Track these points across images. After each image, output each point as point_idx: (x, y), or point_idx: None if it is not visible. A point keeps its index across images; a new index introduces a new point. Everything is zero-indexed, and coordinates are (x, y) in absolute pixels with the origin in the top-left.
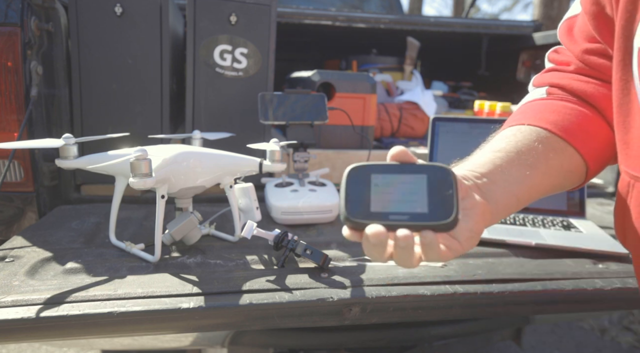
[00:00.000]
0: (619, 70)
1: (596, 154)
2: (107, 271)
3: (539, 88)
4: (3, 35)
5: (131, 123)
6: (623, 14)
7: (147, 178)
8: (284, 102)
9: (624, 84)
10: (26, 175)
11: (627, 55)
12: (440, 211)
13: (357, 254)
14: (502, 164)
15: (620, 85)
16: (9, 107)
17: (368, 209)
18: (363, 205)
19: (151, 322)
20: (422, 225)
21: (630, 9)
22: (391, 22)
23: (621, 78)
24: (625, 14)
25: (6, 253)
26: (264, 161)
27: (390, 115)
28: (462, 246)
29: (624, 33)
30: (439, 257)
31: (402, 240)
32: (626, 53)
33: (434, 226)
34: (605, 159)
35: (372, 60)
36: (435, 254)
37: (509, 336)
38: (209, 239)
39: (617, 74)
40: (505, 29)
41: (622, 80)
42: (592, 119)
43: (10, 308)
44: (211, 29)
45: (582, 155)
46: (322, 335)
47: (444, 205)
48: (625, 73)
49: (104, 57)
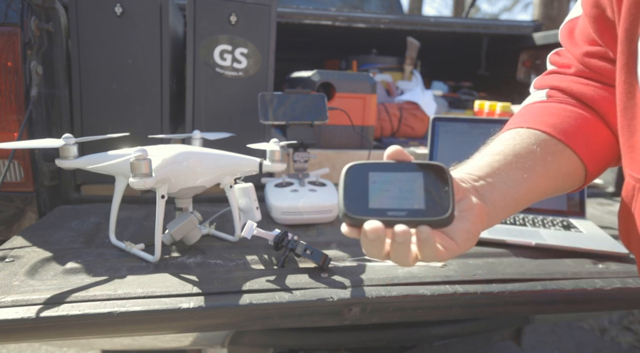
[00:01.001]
0: (622, 73)
1: (596, 157)
2: (107, 271)
3: (539, 90)
4: (3, 35)
5: (131, 123)
6: (627, 17)
7: (147, 179)
8: (284, 102)
9: (628, 87)
10: (26, 175)
11: (631, 59)
12: (437, 207)
13: (357, 254)
14: (500, 167)
15: (624, 89)
16: (9, 107)
17: (366, 206)
18: (361, 202)
19: (151, 322)
20: (419, 220)
21: (634, 12)
22: (391, 22)
23: (625, 81)
24: (629, 17)
25: (6, 253)
26: (264, 161)
27: (390, 115)
28: (458, 247)
29: (628, 36)
30: (435, 255)
31: (399, 236)
32: (630, 56)
33: (431, 222)
34: (605, 162)
35: (372, 60)
36: (431, 251)
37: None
38: (209, 239)
39: (620, 77)
40: (505, 29)
41: (626, 83)
42: (592, 122)
43: (10, 308)
44: (211, 29)
45: (581, 158)
46: (322, 335)
47: (440, 202)
48: (629, 76)
49: (104, 57)
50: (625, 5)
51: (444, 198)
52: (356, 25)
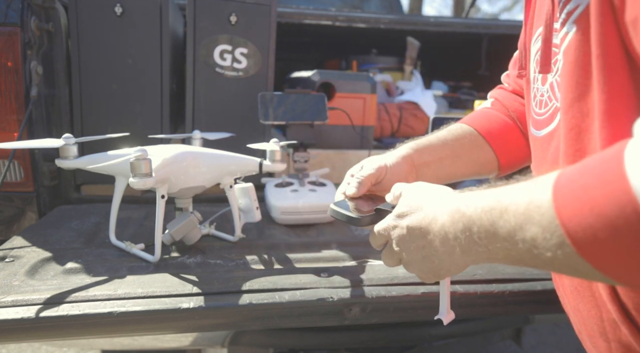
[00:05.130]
0: (527, 97)
1: (509, 154)
2: (107, 271)
3: (489, 99)
4: (3, 35)
5: (131, 123)
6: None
7: (147, 179)
8: (284, 102)
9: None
10: (26, 175)
11: (527, 86)
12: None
13: (357, 254)
14: (437, 150)
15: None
16: (9, 107)
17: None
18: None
19: (151, 322)
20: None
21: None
22: (391, 22)
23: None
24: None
25: (6, 253)
26: (264, 161)
27: (390, 115)
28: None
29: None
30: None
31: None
32: (527, 84)
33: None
34: (515, 160)
35: (372, 60)
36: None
37: (509, 336)
38: (209, 239)
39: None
40: (505, 29)
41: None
42: (512, 128)
43: (10, 308)
44: (211, 29)
45: (495, 153)
46: (322, 335)
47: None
48: (528, 104)
49: (104, 57)
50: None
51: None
52: (356, 25)
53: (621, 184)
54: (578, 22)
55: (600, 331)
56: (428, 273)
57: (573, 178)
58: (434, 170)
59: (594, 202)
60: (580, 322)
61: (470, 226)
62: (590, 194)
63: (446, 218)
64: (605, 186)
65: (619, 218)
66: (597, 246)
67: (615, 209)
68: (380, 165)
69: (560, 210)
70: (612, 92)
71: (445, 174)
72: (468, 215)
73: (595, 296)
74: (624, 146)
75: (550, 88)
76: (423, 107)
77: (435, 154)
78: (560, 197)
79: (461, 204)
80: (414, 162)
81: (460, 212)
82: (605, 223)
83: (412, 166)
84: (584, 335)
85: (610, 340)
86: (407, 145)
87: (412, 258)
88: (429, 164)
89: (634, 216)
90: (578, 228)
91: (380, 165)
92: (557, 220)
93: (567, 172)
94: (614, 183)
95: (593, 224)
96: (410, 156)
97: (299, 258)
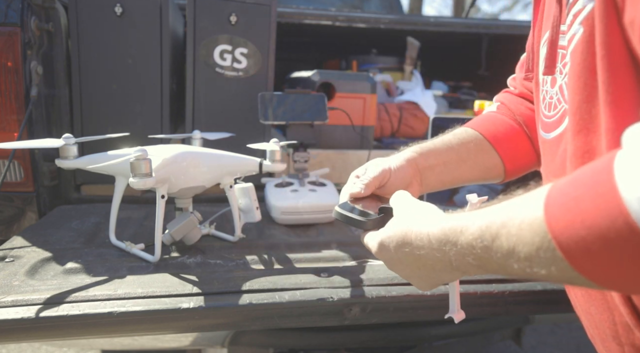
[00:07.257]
0: (537, 104)
1: (515, 159)
2: (107, 271)
3: (495, 103)
4: (3, 35)
5: (131, 123)
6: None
7: (147, 179)
8: (284, 102)
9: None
10: (26, 175)
11: (537, 88)
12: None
13: (357, 254)
14: (442, 153)
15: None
16: (9, 107)
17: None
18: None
19: (151, 322)
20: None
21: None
22: (391, 22)
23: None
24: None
25: (6, 253)
26: (264, 161)
27: (390, 115)
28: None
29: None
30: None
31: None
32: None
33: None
34: (521, 165)
35: (372, 60)
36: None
37: (509, 336)
38: (209, 239)
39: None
40: (505, 29)
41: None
42: (518, 133)
43: (10, 308)
44: (211, 29)
45: (501, 158)
46: (322, 335)
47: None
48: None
49: (104, 57)
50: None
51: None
52: (356, 25)
53: (611, 196)
54: (584, 24)
55: (612, 335)
56: (421, 284)
57: (564, 191)
58: (439, 174)
59: (586, 214)
60: (592, 326)
61: (464, 254)
62: (581, 206)
63: (435, 246)
64: (596, 198)
65: (610, 230)
66: (590, 258)
67: (607, 221)
68: (384, 168)
69: (551, 223)
70: (617, 93)
71: (449, 178)
72: (460, 245)
73: (607, 299)
74: (614, 157)
75: (559, 90)
76: (423, 107)
77: (440, 157)
78: (552, 210)
79: (450, 234)
80: (419, 166)
81: (450, 243)
82: (597, 235)
83: (417, 170)
84: (597, 338)
85: (623, 343)
86: (411, 148)
87: (403, 274)
88: (434, 168)
89: (625, 228)
90: (570, 241)
91: (385, 168)
92: (549, 235)
93: (558, 184)
94: (604, 195)
95: (585, 236)
96: (415, 159)
97: (299, 258)
